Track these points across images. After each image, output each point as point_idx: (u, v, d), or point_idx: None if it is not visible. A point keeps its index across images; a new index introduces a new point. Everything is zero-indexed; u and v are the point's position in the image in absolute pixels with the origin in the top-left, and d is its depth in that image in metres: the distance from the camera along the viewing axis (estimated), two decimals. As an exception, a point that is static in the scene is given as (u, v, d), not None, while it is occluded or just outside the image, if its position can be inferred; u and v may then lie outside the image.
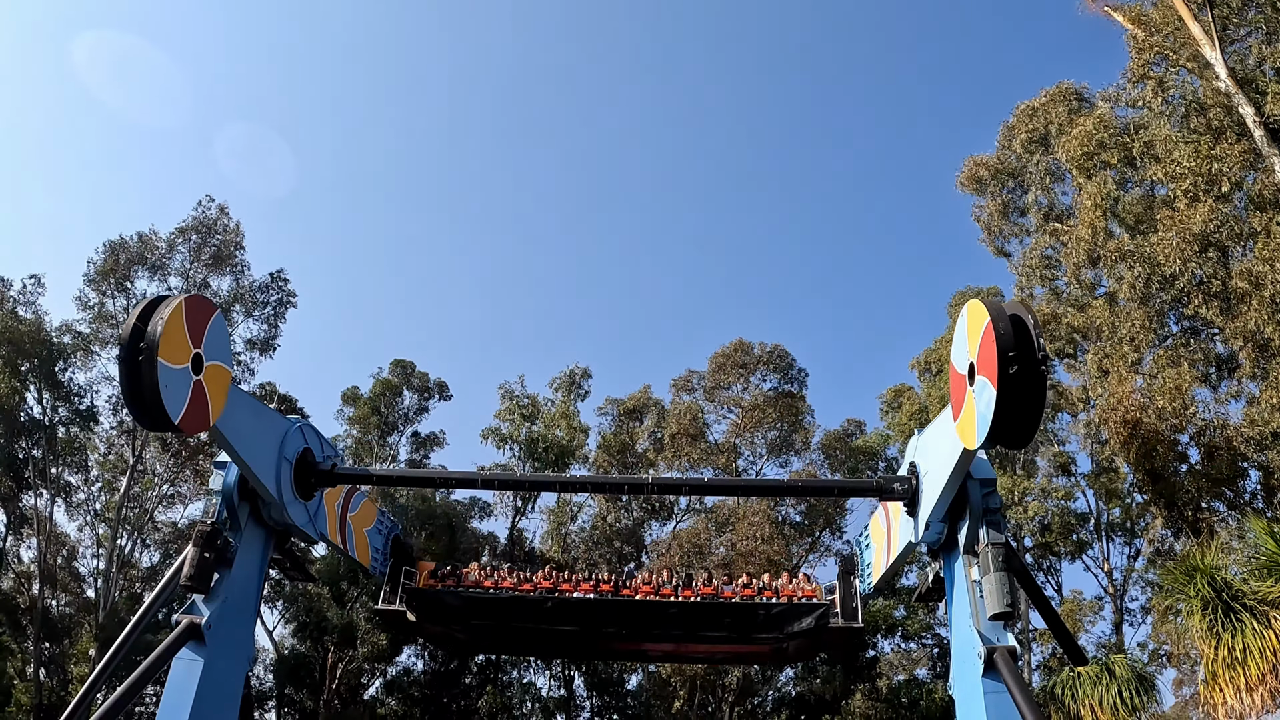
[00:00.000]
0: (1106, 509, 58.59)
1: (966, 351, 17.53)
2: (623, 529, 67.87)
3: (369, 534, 28.95)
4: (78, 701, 22.19)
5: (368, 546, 28.74)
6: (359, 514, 28.25)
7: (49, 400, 58.91)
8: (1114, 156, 43.82)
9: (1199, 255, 38.90)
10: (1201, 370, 42.81)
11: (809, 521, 66.03)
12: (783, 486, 55.76)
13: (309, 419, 26.37)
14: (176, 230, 59.97)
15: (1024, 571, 24.55)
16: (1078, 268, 45.57)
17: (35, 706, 54.90)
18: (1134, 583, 58.69)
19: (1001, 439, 16.34)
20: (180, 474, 64.23)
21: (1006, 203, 54.66)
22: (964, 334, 17.77)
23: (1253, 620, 16.85)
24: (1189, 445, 42.56)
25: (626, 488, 32.55)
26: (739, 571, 56.86)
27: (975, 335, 17.24)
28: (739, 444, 67.22)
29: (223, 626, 21.55)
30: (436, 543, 61.52)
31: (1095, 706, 21.44)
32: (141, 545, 64.50)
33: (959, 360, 18.25)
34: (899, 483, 23.93)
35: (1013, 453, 56.37)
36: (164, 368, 18.61)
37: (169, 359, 18.72)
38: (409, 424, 72.30)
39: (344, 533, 26.74)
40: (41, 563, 59.84)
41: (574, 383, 70.37)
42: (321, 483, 25.16)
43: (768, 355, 67.45)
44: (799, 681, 66.09)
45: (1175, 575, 18.96)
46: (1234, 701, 16.68)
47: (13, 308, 57.37)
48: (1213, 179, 38.76)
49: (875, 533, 26.31)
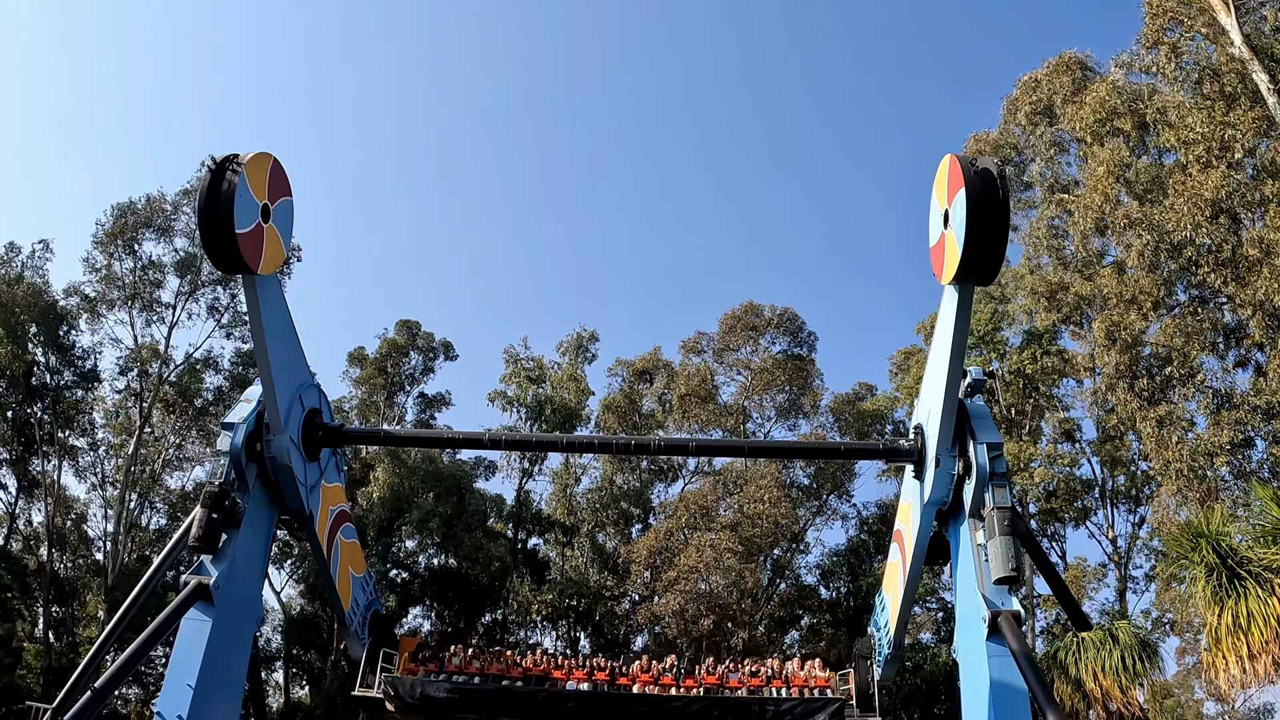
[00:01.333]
0: (1111, 476, 58.56)
1: (943, 202, 19.14)
2: (630, 491, 67.99)
3: (354, 580, 27.06)
4: (87, 662, 22.30)
5: (349, 591, 26.66)
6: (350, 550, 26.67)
7: (56, 364, 59.06)
8: (1126, 123, 43.54)
9: (1210, 221, 38.68)
10: (1209, 339, 42.62)
11: (817, 485, 66.12)
12: (789, 448, 55.78)
13: (315, 377, 26.40)
14: (181, 191, 60.07)
15: (1029, 536, 24.58)
16: (1085, 236, 45.33)
17: (45, 669, 55.28)
18: (1138, 550, 58.79)
19: (974, 268, 18.16)
20: (187, 436, 64.44)
21: (1011, 177, 54.39)
22: (942, 187, 19.35)
23: (1257, 587, 16.84)
24: (1196, 412, 42.46)
25: (634, 447, 31.28)
26: (747, 534, 57.22)
27: (945, 184, 19.16)
28: (748, 406, 67.26)
29: (231, 587, 21.63)
30: (444, 504, 61.65)
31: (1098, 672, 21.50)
32: (149, 508, 64.80)
33: (936, 216, 19.71)
34: (904, 444, 23.99)
35: (1020, 418, 56.31)
36: (244, 186, 20.06)
37: (251, 185, 20.31)
38: (415, 385, 72.43)
39: (330, 547, 25.51)
40: (50, 525, 60.19)
41: (581, 345, 70.29)
42: (329, 441, 25.33)
43: (777, 318, 67.28)
44: (804, 643, 66.32)
45: (1180, 540, 18.96)
46: (1235, 669, 16.72)
47: (20, 273, 57.49)
48: (1225, 145, 38.52)
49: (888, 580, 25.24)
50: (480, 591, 63.43)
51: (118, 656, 20.22)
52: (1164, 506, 44.73)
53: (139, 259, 59.26)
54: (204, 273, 60.44)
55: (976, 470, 20.99)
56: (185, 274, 60.12)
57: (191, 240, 59.99)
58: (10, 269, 57.50)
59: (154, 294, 60.10)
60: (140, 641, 20.10)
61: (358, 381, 71.06)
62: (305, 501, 23.79)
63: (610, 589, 64.71)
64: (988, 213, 17.91)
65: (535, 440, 51.82)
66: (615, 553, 65.65)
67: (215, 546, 21.39)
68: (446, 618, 66.54)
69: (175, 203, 59.81)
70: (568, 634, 66.61)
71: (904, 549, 23.03)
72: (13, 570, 59.25)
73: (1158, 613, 57.98)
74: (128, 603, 23.15)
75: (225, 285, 61.40)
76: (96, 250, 59.00)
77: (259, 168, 20.81)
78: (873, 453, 33.33)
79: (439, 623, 67.17)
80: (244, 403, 23.62)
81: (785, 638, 67.08)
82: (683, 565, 55.58)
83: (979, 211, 17.92)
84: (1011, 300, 57.42)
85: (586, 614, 63.02)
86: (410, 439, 56.46)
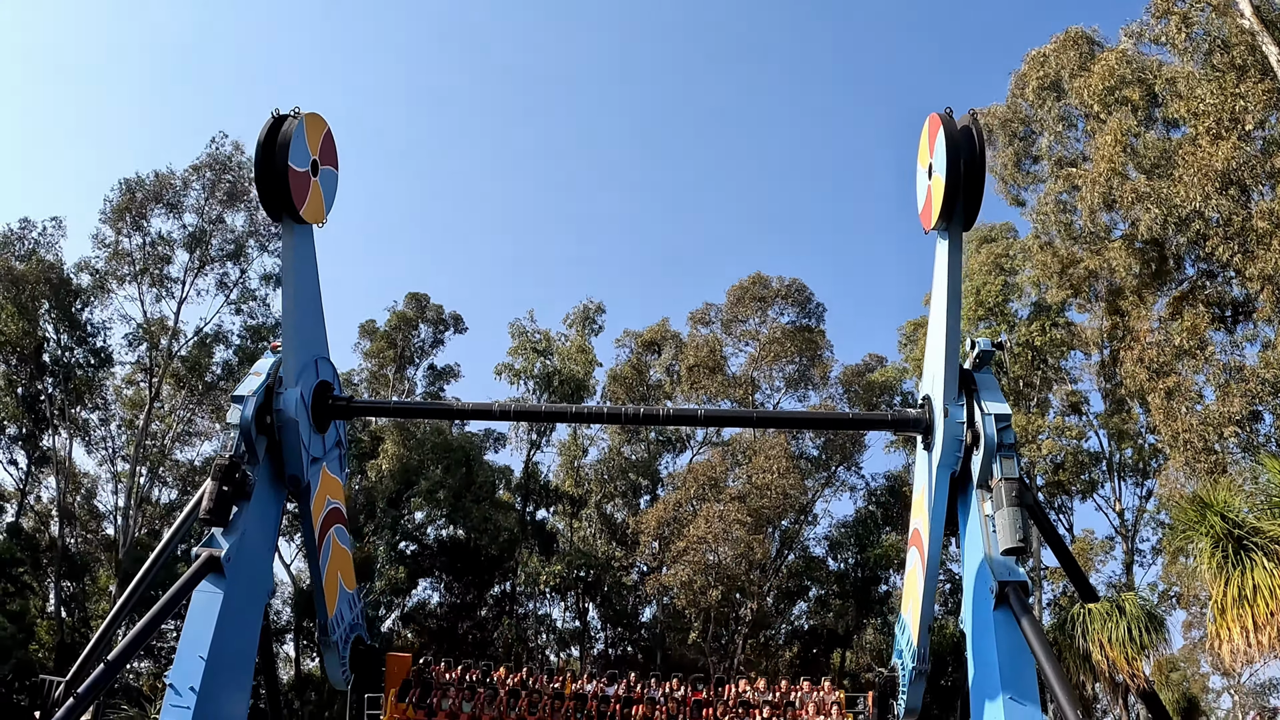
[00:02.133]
0: (1119, 449, 58.59)
1: (926, 159, 21.84)
2: (638, 462, 68.14)
3: (343, 591, 25.99)
4: (99, 636, 22.53)
5: (336, 597, 25.73)
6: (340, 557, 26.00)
7: (66, 340, 59.30)
8: (1135, 93, 43.34)
9: (1219, 194, 38.51)
10: (1218, 313, 42.52)
11: (825, 456, 66.19)
12: (798, 418, 55.87)
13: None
14: (191, 167, 59.99)
15: (1037, 507, 24.69)
16: (1094, 210, 45.18)
17: (57, 643, 55.65)
18: (1145, 523, 58.80)
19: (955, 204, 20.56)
20: (197, 411, 64.67)
21: (1019, 152, 54.18)
22: (925, 147, 22.03)
23: (1264, 559, 16.84)
24: (1204, 386, 42.38)
25: (642, 417, 31.21)
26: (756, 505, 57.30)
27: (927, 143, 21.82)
28: (757, 377, 67.25)
29: (242, 560, 21.78)
30: (452, 476, 61.85)
31: (1105, 643, 21.42)
32: (159, 482, 65.07)
33: (921, 177, 22.30)
34: (913, 414, 24.08)
35: (1028, 390, 56.29)
36: (301, 132, 22.49)
37: (307, 136, 22.81)
38: (425, 357, 72.61)
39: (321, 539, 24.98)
40: (61, 501, 60.51)
41: (588, 317, 70.31)
42: (339, 414, 25.53)
43: (785, 289, 67.18)
44: (812, 615, 66.62)
45: (1186, 511, 18.95)
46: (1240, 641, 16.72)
47: (33, 249, 57.67)
48: (1235, 117, 38.29)
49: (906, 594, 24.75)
50: (489, 563, 63.68)
51: (129, 630, 20.39)
52: (1171, 479, 44.76)
53: (147, 234, 59.35)
54: (213, 248, 60.60)
55: (984, 441, 21.12)
56: (194, 250, 60.21)
57: (200, 215, 60.15)
58: (23, 245, 57.66)
59: (163, 269, 60.19)
60: (152, 614, 20.28)
61: (368, 354, 71.28)
62: (305, 470, 23.72)
63: (619, 560, 64.97)
64: (966, 152, 20.29)
65: (544, 411, 51.91)
66: (624, 524, 65.89)
67: (226, 519, 21.53)
68: (456, 589, 66.85)
69: (184, 178, 59.75)
70: (576, 604, 66.90)
71: (922, 549, 22.87)
72: (25, 546, 59.60)
73: (1164, 586, 58.15)
74: (139, 576, 23.39)
75: (235, 260, 61.58)
76: (105, 226, 59.12)
77: (315, 127, 23.41)
78: (881, 423, 33.61)
79: (448, 594, 67.50)
80: (254, 375, 23.77)
81: (793, 609, 67.34)
82: (691, 536, 55.76)
83: (956, 150, 20.29)
84: (1020, 273, 57.35)
85: (595, 585, 63.24)
86: (419, 410, 56.55)
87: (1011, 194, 55.77)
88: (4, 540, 57.77)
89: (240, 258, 61.84)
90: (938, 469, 22.02)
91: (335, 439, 25.68)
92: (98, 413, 63.65)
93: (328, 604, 24.76)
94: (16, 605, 56.38)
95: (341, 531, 25.86)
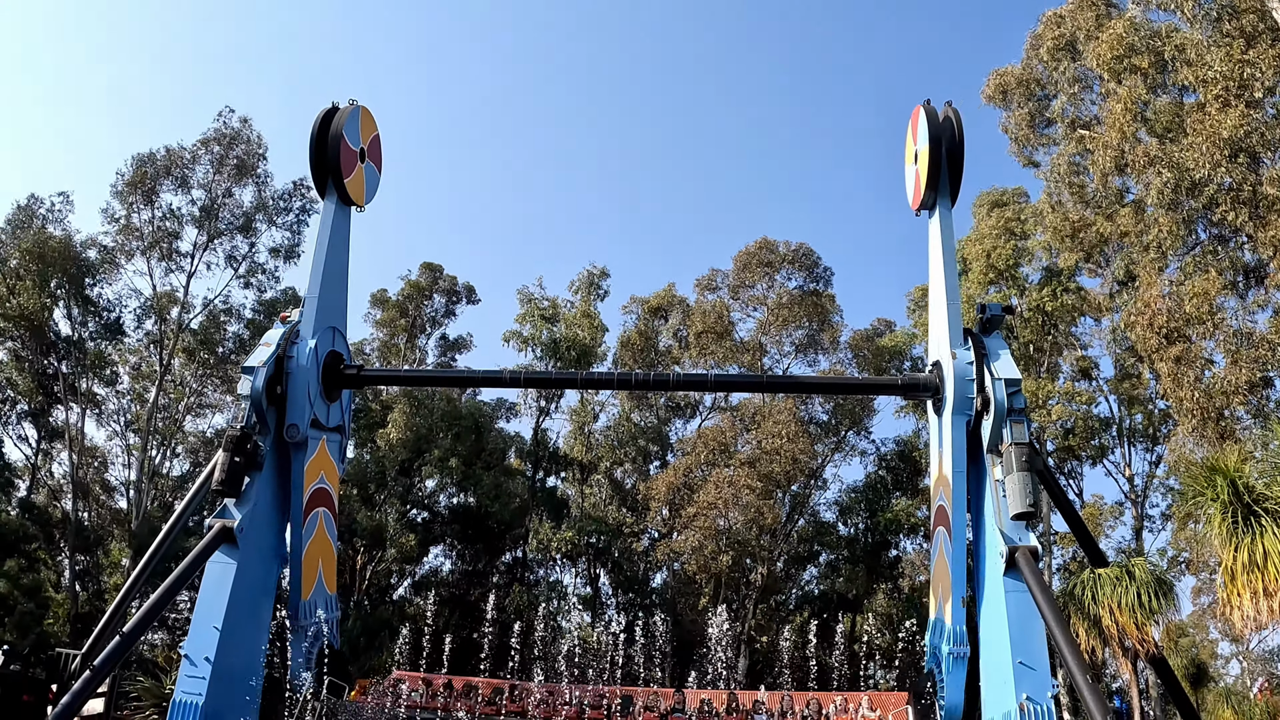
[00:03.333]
0: (1129, 414, 58.53)
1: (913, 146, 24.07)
2: (647, 428, 68.23)
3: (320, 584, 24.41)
4: (114, 608, 22.64)
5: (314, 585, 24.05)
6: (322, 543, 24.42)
7: (77, 315, 59.48)
8: (1144, 60, 43.06)
9: (1229, 160, 38.30)
10: (1230, 278, 42.33)
11: (835, 421, 66.20)
12: (807, 383, 55.69)
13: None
14: (199, 142, 60.00)
15: (1047, 472, 24.69)
16: (1105, 174, 44.93)
17: (72, 616, 56.02)
18: (1155, 489, 58.83)
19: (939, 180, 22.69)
20: (208, 383, 64.87)
21: (1033, 113, 53.90)
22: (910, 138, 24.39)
23: (1273, 525, 16.88)
24: (1214, 352, 42.23)
25: (652, 382, 31.21)
26: (766, 470, 57.31)
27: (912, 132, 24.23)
28: (765, 342, 67.17)
29: (255, 530, 21.85)
30: (463, 444, 62.00)
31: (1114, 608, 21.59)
32: (171, 454, 65.37)
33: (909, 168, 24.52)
34: (923, 378, 24.09)
35: (1038, 355, 56.15)
36: (354, 119, 24.84)
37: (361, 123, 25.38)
38: (437, 327, 72.65)
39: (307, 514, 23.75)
40: (74, 475, 60.83)
41: (592, 283, 70.18)
42: (350, 383, 25.61)
43: (792, 254, 66.94)
44: (822, 580, 66.80)
45: (1196, 476, 18.97)
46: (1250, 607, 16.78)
47: (42, 224, 57.76)
48: (1245, 84, 38.03)
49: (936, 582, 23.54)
50: (500, 529, 63.90)
51: (143, 602, 20.47)
52: (1181, 445, 44.71)
53: (157, 209, 59.43)
54: (222, 222, 60.65)
55: (995, 406, 21.10)
56: (203, 224, 60.26)
57: (209, 190, 60.20)
58: (32, 221, 57.75)
59: (172, 244, 60.23)
60: (166, 585, 20.35)
61: (379, 323, 71.38)
62: (306, 423, 23.38)
63: (629, 526, 65.11)
64: (946, 132, 22.66)
65: (553, 377, 52.06)
66: (634, 490, 66.03)
67: (238, 490, 21.56)
68: (467, 557, 67.14)
69: (194, 153, 59.73)
70: (588, 570, 67.16)
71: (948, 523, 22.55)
72: (38, 520, 59.95)
73: (1174, 551, 58.16)
74: (152, 548, 23.48)
75: (244, 234, 61.64)
76: (115, 201, 59.16)
77: (369, 122, 25.83)
78: (891, 387, 33.50)
79: (459, 562, 67.80)
80: (264, 346, 23.79)
81: (803, 574, 67.51)
82: (701, 502, 55.91)
83: (938, 130, 22.62)
84: (1031, 237, 57.16)
85: (605, 551, 63.47)
86: (429, 379, 56.64)
87: (1025, 155, 55.56)
88: (17, 515, 58.14)
89: (249, 231, 61.86)
90: (953, 419, 21.98)
91: (339, 421, 25.63)
92: (109, 387, 63.97)
93: (303, 586, 23.63)
94: (31, 580, 56.80)
95: (329, 519, 24.89)
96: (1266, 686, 48.87)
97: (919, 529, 62.92)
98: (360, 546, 60.48)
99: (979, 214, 60.84)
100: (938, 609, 22.88)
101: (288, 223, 62.82)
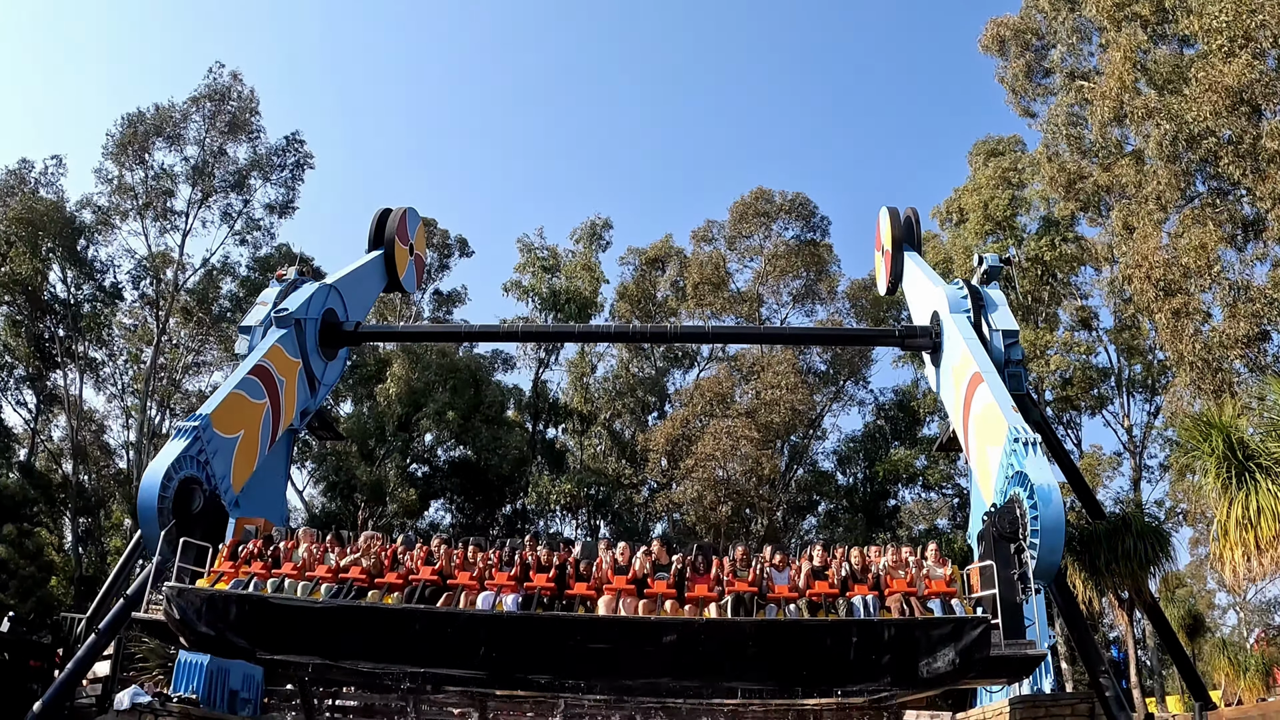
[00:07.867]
0: (1128, 365, 58.45)
1: (884, 240, 31.44)
2: (645, 379, 68.23)
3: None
4: (118, 571, 22.78)
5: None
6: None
7: (72, 278, 59.41)
8: (1145, 8, 42.74)
9: (1230, 112, 38.06)
10: (1228, 231, 42.17)
11: (834, 371, 66.26)
12: (806, 334, 55.83)
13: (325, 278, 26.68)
14: (190, 99, 59.68)
15: (1043, 424, 24.78)
16: (1104, 125, 44.71)
17: (75, 579, 56.26)
18: (1153, 439, 58.78)
19: (896, 284, 30.96)
20: (205, 343, 64.79)
21: (1030, 64, 53.59)
22: (876, 231, 32.72)
23: (1267, 481, 16.95)
24: (1212, 305, 42.17)
25: (650, 335, 31.52)
26: (764, 420, 57.41)
27: (881, 229, 32.05)
28: (762, 293, 67.08)
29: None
30: (461, 397, 61.99)
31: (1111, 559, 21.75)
32: (170, 415, 65.37)
33: (880, 258, 32.54)
34: (921, 331, 24.16)
35: (1036, 305, 56.01)
36: (414, 218, 33.18)
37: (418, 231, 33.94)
38: (431, 282, 72.41)
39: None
40: (73, 438, 60.93)
41: (595, 234, 69.90)
42: (347, 340, 26.06)
43: (789, 204, 66.72)
44: (822, 529, 66.97)
45: (1192, 431, 19.05)
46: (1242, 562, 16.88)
47: (34, 188, 57.57)
48: (1249, 35, 37.73)
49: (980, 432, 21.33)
50: (500, 482, 63.98)
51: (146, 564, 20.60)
52: (1178, 397, 44.74)
53: (150, 168, 59.24)
54: (216, 180, 60.42)
55: (993, 358, 21.20)
56: (197, 182, 60.02)
57: (202, 148, 59.89)
58: (24, 184, 57.62)
59: (166, 203, 60.05)
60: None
61: (373, 281, 71.00)
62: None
63: (628, 477, 65.23)
64: (907, 236, 30.50)
65: (551, 331, 51.98)
66: (633, 441, 66.09)
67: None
68: (467, 510, 67.29)
69: (184, 110, 59.49)
70: (588, 522, 67.32)
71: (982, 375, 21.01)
72: (38, 485, 60.08)
73: (1171, 503, 58.11)
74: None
75: (238, 191, 61.42)
76: (108, 161, 58.98)
77: (423, 237, 35.50)
78: (889, 338, 33.65)
79: (459, 515, 67.96)
80: (260, 305, 23.91)
81: (803, 523, 67.74)
82: (700, 452, 55.97)
83: (898, 233, 30.55)
84: (1028, 187, 56.93)
85: (605, 502, 63.54)
86: (426, 334, 56.53)
87: (1022, 105, 55.35)
88: (17, 480, 58.29)
89: (243, 188, 61.70)
90: (955, 317, 22.30)
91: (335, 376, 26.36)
92: (105, 349, 64.02)
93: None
94: (32, 544, 57.03)
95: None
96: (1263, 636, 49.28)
97: (918, 479, 63.07)
98: (361, 501, 60.63)
99: (975, 163, 60.57)
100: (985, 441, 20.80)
101: (282, 179, 62.72)
